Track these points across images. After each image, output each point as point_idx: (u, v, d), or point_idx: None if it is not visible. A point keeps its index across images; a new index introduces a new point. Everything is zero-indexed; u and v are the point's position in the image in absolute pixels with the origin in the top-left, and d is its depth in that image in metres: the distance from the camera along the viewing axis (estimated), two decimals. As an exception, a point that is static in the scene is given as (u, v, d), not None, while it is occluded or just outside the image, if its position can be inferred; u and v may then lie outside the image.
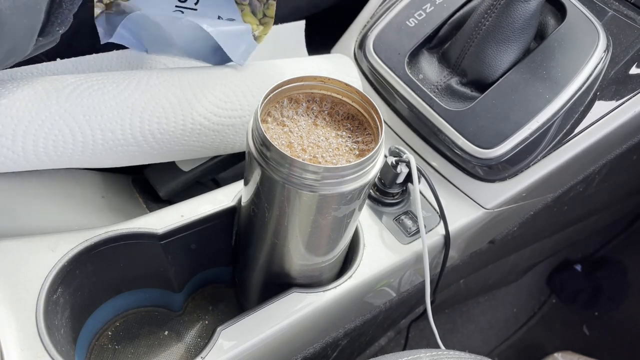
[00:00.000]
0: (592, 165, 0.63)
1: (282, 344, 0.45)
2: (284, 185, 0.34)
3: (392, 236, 0.50)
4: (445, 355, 0.41)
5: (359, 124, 0.37)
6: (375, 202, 0.52)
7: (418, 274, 0.55)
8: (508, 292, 1.13)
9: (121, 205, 0.57)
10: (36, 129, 0.42)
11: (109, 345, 0.49)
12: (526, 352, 1.09)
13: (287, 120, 0.37)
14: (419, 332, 1.02)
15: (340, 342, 0.56)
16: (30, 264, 0.41)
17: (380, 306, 0.56)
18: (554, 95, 0.53)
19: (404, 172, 0.49)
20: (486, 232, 0.61)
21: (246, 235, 0.44)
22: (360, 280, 0.47)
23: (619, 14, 0.60)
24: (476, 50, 0.54)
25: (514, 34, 0.52)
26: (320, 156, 0.36)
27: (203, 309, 0.54)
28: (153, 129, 0.46)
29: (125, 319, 0.51)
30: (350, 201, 0.36)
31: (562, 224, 0.87)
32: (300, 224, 0.38)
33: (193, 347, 0.51)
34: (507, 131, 0.52)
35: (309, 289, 0.45)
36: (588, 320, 1.13)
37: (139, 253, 0.46)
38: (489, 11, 0.52)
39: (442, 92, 0.56)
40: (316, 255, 0.42)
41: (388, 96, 0.59)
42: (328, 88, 0.37)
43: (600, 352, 1.06)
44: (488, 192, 0.55)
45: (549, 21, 0.58)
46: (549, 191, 0.61)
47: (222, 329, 0.41)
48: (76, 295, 0.44)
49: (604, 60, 0.55)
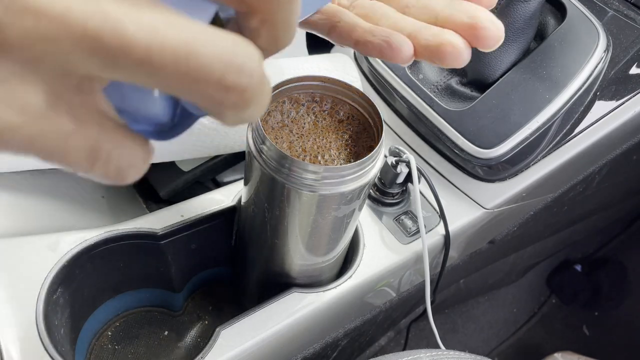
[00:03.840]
0: (592, 165, 0.63)
1: (282, 344, 0.45)
2: (284, 185, 0.34)
3: (392, 236, 0.50)
4: (445, 355, 0.41)
5: (359, 124, 0.37)
6: (375, 202, 0.52)
7: (418, 274, 0.55)
8: (508, 292, 1.13)
9: (121, 205, 0.57)
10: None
11: (109, 345, 0.49)
12: (526, 352, 1.09)
13: (287, 120, 0.37)
14: (419, 332, 1.02)
15: (340, 342, 0.56)
16: (30, 263, 0.41)
17: (380, 306, 0.56)
18: (554, 95, 0.53)
19: (404, 172, 0.49)
20: (486, 232, 0.61)
21: (246, 235, 0.44)
22: (360, 280, 0.47)
23: (619, 14, 0.60)
24: (476, 50, 0.54)
25: (514, 34, 0.52)
26: (321, 156, 0.36)
27: (203, 309, 0.54)
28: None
29: (125, 319, 0.51)
30: (350, 201, 0.36)
31: (562, 224, 0.87)
32: (300, 223, 0.38)
33: (193, 347, 0.51)
34: (507, 131, 0.52)
35: (309, 289, 0.45)
36: (588, 320, 1.13)
37: (139, 253, 0.46)
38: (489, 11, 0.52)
39: (442, 92, 0.56)
40: (316, 255, 0.42)
41: (388, 96, 0.59)
42: (328, 88, 0.37)
43: (600, 352, 1.06)
44: (488, 192, 0.55)
45: (549, 21, 0.58)
46: (549, 191, 0.61)
47: (222, 329, 0.41)
48: (76, 295, 0.44)
49: (604, 60, 0.55)
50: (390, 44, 0.26)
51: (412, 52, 0.26)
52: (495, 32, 0.25)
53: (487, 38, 0.25)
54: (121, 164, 0.17)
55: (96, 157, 0.16)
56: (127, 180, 0.18)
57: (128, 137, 0.17)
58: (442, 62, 0.25)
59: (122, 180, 0.18)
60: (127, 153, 0.17)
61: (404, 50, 0.26)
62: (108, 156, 0.17)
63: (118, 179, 0.18)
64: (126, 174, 0.18)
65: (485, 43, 0.25)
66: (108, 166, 0.17)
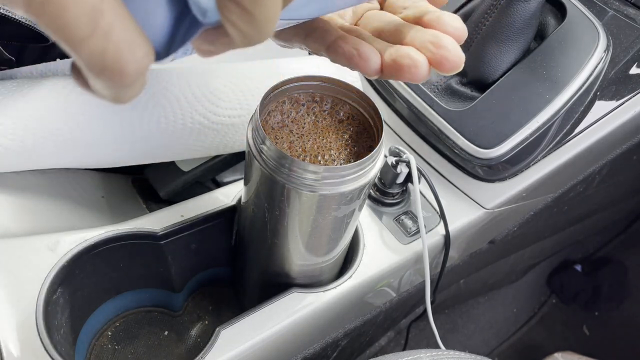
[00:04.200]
0: (592, 165, 0.63)
1: (282, 344, 0.45)
2: (284, 185, 0.34)
3: (392, 236, 0.50)
4: (445, 355, 0.41)
5: (359, 124, 0.37)
6: (375, 202, 0.52)
7: (418, 274, 0.55)
8: (508, 292, 1.13)
9: (121, 205, 0.57)
10: (35, 128, 0.42)
11: (109, 345, 0.49)
12: (526, 352, 1.09)
13: (287, 120, 0.37)
14: (419, 332, 1.02)
15: (340, 342, 0.56)
16: (30, 263, 0.41)
17: (380, 306, 0.56)
18: (554, 95, 0.53)
19: (404, 172, 0.49)
20: (486, 232, 0.61)
21: (246, 235, 0.44)
22: (360, 280, 0.47)
23: (619, 14, 0.60)
24: (476, 50, 0.54)
25: (514, 34, 0.52)
26: (321, 156, 0.36)
27: (203, 309, 0.54)
28: (152, 128, 0.46)
29: (125, 319, 0.51)
30: (350, 201, 0.36)
31: (562, 224, 0.87)
32: (300, 224, 0.38)
33: (193, 347, 0.51)
34: (507, 131, 0.52)
35: (309, 289, 0.45)
36: (588, 320, 1.13)
37: (139, 253, 0.46)
38: (489, 11, 0.52)
39: (442, 92, 0.56)
40: (316, 255, 0.42)
41: (388, 96, 0.59)
42: (328, 88, 0.37)
43: (600, 352, 1.06)
44: (488, 192, 0.55)
45: (549, 21, 0.58)
46: (549, 191, 0.61)
47: (222, 329, 0.41)
48: (76, 295, 0.44)
49: (604, 60, 0.55)
50: (361, 53, 0.27)
51: (380, 65, 0.27)
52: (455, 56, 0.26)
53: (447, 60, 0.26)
54: (121, 44, 0.16)
55: (97, 21, 0.16)
56: (125, 77, 0.17)
57: (132, 20, 0.17)
58: (401, 76, 0.27)
59: (120, 71, 0.17)
60: (129, 34, 0.16)
61: (372, 62, 0.27)
62: (110, 27, 0.16)
63: (115, 66, 0.17)
64: (125, 61, 0.17)
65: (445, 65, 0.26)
66: (107, 40, 0.16)
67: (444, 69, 0.26)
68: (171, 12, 0.19)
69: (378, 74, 0.28)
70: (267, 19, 0.18)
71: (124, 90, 0.18)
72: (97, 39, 0.16)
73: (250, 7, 0.17)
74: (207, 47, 0.21)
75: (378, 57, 0.27)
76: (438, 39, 0.26)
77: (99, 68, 0.17)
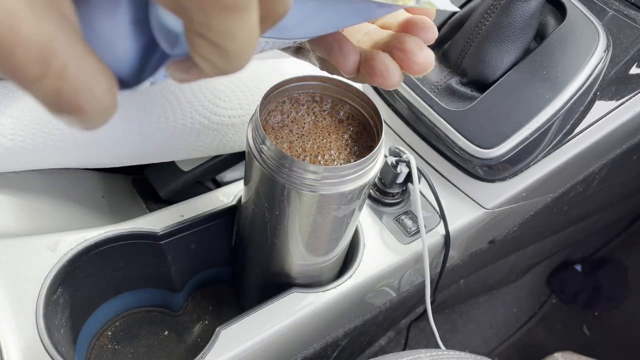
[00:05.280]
0: (592, 165, 0.63)
1: (282, 344, 0.45)
2: (284, 185, 0.34)
3: (392, 236, 0.50)
4: (445, 355, 0.41)
5: (359, 124, 0.37)
6: (375, 202, 0.52)
7: (418, 274, 0.55)
8: (508, 292, 1.13)
9: (121, 205, 0.57)
10: (35, 128, 0.42)
11: (109, 345, 0.49)
12: (526, 352, 1.09)
13: (287, 120, 0.37)
14: (419, 332, 1.02)
15: (340, 342, 0.56)
16: (30, 263, 0.41)
17: (380, 306, 0.56)
18: (554, 95, 0.53)
19: (404, 172, 0.49)
20: (486, 232, 0.61)
21: (246, 235, 0.44)
22: (360, 280, 0.47)
23: (619, 14, 0.60)
24: (476, 50, 0.54)
25: (514, 34, 0.52)
26: (321, 156, 0.36)
27: (203, 309, 0.54)
28: (152, 128, 0.46)
29: (125, 319, 0.51)
30: (350, 201, 0.36)
31: (562, 224, 0.87)
32: (300, 224, 0.38)
33: (193, 347, 0.51)
34: (507, 131, 0.52)
35: (309, 289, 0.45)
36: (588, 320, 1.13)
37: (139, 253, 0.46)
38: (489, 11, 0.52)
39: (442, 92, 0.56)
40: (316, 255, 0.42)
41: (388, 96, 0.59)
42: (328, 88, 0.37)
43: (600, 352, 1.06)
44: (488, 192, 0.55)
45: (549, 21, 0.58)
46: (549, 191, 0.61)
47: (222, 329, 0.41)
48: (76, 295, 0.44)
49: (604, 60, 0.55)
50: (342, 47, 0.28)
51: (357, 63, 0.28)
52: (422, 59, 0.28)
53: (415, 63, 0.28)
54: (77, 83, 0.15)
55: (49, 62, 0.14)
56: (85, 114, 0.16)
57: (91, 55, 0.15)
58: (373, 80, 0.28)
59: (78, 110, 0.16)
60: (86, 72, 0.15)
61: (351, 58, 0.28)
62: (63, 67, 0.15)
63: (72, 105, 0.15)
64: (83, 100, 0.15)
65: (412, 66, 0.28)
66: (62, 80, 0.15)
67: (413, 72, 0.28)
68: (138, 42, 0.18)
69: (353, 72, 0.28)
70: (241, 51, 0.16)
71: (88, 124, 0.17)
72: (50, 80, 0.15)
73: (221, 42, 0.16)
74: (180, 75, 0.19)
75: (357, 55, 0.28)
76: (403, 42, 0.27)
77: (56, 108, 0.16)
